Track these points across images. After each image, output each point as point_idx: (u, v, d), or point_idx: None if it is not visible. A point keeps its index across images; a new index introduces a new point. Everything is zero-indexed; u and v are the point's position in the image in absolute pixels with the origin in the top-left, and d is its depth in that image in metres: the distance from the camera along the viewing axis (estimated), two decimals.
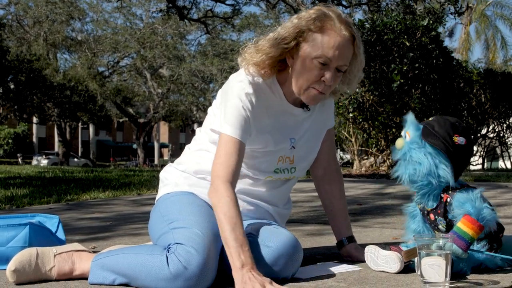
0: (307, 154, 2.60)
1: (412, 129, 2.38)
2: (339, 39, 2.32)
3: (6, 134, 48.08)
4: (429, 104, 9.81)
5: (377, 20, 9.89)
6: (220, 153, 2.30)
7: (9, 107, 32.60)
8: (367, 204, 5.28)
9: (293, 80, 2.39)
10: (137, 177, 9.67)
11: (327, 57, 2.31)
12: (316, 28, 2.32)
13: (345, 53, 2.35)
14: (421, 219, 2.46)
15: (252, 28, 38.07)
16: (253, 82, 2.38)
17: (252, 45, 2.42)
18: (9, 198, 6.14)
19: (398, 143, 2.41)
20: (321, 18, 2.33)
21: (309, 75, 2.35)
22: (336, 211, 2.72)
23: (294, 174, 2.58)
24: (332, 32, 2.31)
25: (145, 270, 2.13)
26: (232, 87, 2.38)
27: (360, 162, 10.90)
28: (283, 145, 2.48)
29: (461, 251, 2.18)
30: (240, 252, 2.07)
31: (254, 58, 2.37)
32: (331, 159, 2.76)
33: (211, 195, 2.26)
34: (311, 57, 2.32)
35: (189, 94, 40.37)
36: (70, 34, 39.02)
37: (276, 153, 2.48)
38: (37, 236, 2.67)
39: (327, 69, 2.34)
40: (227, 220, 2.14)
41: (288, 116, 2.49)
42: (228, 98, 2.36)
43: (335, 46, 2.31)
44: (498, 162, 18.79)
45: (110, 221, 4.48)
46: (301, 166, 2.59)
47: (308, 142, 2.57)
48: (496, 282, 2.16)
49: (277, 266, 2.18)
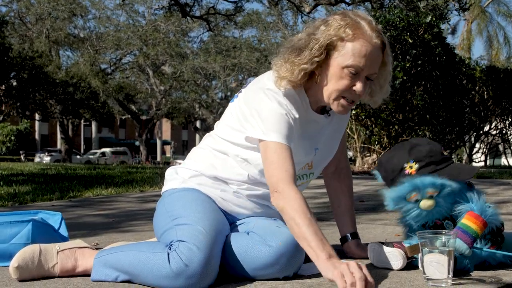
0: (325, 158, 2.60)
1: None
2: (370, 48, 2.27)
3: (8, 131, 48.14)
4: (432, 101, 9.80)
5: (380, 17, 9.89)
6: (273, 160, 2.23)
7: (11, 104, 32.61)
8: (369, 201, 5.28)
9: (323, 89, 2.34)
10: (139, 174, 9.68)
11: (359, 66, 2.26)
12: (347, 37, 2.26)
13: (376, 61, 2.31)
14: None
15: (254, 25, 38.05)
16: (285, 92, 2.32)
17: (283, 60, 2.33)
18: (12, 195, 6.15)
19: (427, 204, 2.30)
20: (351, 25, 2.27)
21: (340, 84, 2.30)
22: (343, 208, 2.73)
23: (311, 178, 2.59)
24: (363, 40, 2.26)
25: (147, 267, 2.13)
26: (265, 96, 2.31)
27: (363, 159, 10.90)
28: (310, 156, 2.47)
29: (466, 247, 2.18)
30: (323, 245, 2.04)
31: (292, 76, 2.30)
32: (342, 156, 2.77)
33: (277, 199, 2.19)
34: (341, 66, 2.27)
35: (192, 91, 40.34)
36: (73, 31, 39.02)
37: (303, 163, 2.47)
38: (40, 233, 2.67)
39: (357, 78, 2.29)
40: (301, 216, 2.10)
41: (312, 124, 2.45)
42: (265, 106, 2.29)
43: (366, 55, 2.26)
44: (501, 159, 18.78)
45: (113, 218, 4.48)
46: (319, 169, 2.60)
47: (327, 147, 2.56)
48: (499, 278, 2.16)
49: (278, 265, 2.17)
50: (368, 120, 10.31)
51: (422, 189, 2.24)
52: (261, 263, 2.16)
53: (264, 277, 2.19)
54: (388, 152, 2.42)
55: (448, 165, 2.30)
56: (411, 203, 2.29)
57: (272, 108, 2.27)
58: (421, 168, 2.29)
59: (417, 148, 2.33)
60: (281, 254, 2.16)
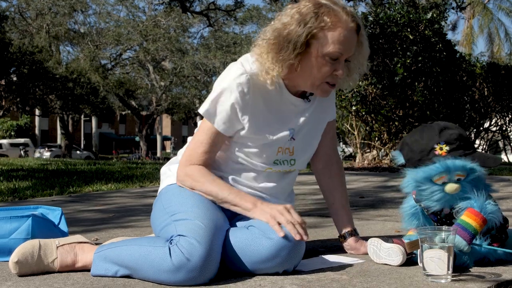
0: (307, 146, 2.60)
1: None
2: (347, 33, 2.33)
3: (8, 127, 48.13)
4: (432, 97, 9.79)
5: (380, 13, 9.87)
6: (194, 139, 2.46)
7: (11, 99, 32.61)
8: (369, 197, 5.28)
9: (304, 77, 2.39)
10: (139, 169, 9.68)
11: (339, 52, 2.32)
12: (326, 26, 2.30)
13: (353, 44, 2.37)
14: (422, 215, 2.45)
15: (255, 21, 38.04)
16: (250, 71, 2.38)
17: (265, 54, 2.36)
18: (12, 190, 6.15)
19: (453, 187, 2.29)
20: (327, 13, 2.31)
21: (322, 72, 2.36)
22: (338, 204, 2.71)
23: (294, 167, 2.58)
24: (340, 27, 2.31)
25: (147, 261, 2.13)
26: (227, 75, 2.40)
27: (363, 155, 10.89)
28: (282, 134, 2.48)
29: (465, 243, 2.18)
30: (241, 197, 2.32)
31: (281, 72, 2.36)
32: (332, 152, 2.76)
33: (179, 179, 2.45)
34: (322, 54, 2.33)
35: (192, 87, 40.36)
36: (73, 26, 39.03)
37: (275, 144, 2.47)
38: (39, 228, 2.67)
39: (337, 63, 2.35)
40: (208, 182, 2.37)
41: (287, 105, 2.49)
42: (219, 85, 2.39)
43: (345, 40, 2.33)
44: (501, 155, 18.77)
45: (113, 213, 4.48)
46: (301, 158, 2.59)
47: (308, 133, 2.57)
48: (498, 275, 2.16)
49: (279, 258, 2.17)
50: (368, 116, 10.30)
51: (452, 171, 2.23)
52: (262, 256, 2.16)
53: (264, 271, 2.19)
54: (414, 133, 2.40)
55: (475, 151, 2.30)
56: (437, 185, 2.28)
57: (220, 90, 2.39)
58: (451, 151, 2.28)
59: (448, 131, 2.31)
60: (281, 247, 2.16)
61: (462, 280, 2.09)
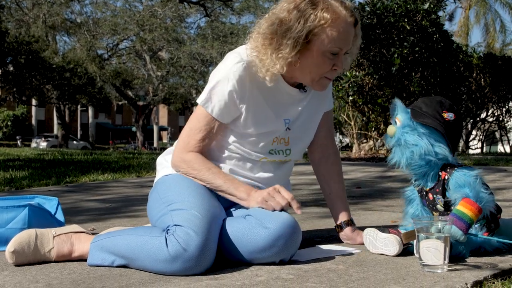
0: (302, 136, 2.59)
1: (401, 113, 2.40)
2: (346, 28, 2.34)
3: (5, 117, 48.01)
4: (429, 87, 9.79)
5: (377, 3, 9.85)
6: (190, 126, 2.46)
7: (8, 89, 32.52)
8: (366, 187, 5.29)
9: (303, 72, 2.39)
10: (136, 159, 9.67)
11: (339, 47, 2.34)
12: (326, 22, 2.30)
13: (351, 38, 2.38)
14: (419, 202, 2.48)
15: (252, 11, 37.93)
16: (246, 59, 2.37)
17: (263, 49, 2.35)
18: (9, 180, 6.14)
19: (390, 130, 2.41)
20: (326, 9, 2.30)
21: (323, 68, 2.37)
22: (334, 194, 2.70)
23: (290, 157, 2.58)
24: (340, 23, 2.31)
25: (144, 251, 2.13)
26: (224, 64, 2.40)
27: (360, 146, 10.90)
28: (277, 124, 2.48)
29: (461, 233, 2.19)
30: (236, 186, 2.35)
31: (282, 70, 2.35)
32: (329, 142, 2.76)
33: (174, 164, 2.47)
34: (322, 50, 2.33)
35: (189, 77, 40.23)
36: (69, 16, 38.84)
37: (271, 134, 2.48)
38: (36, 218, 2.67)
39: (337, 58, 2.36)
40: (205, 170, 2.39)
41: (283, 95, 2.49)
42: (218, 75, 2.39)
43: (344, 36, 2.34)
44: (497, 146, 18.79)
45: (109, 203, 4.48)
46: (297, 148, 2.59)
47: (304, 123, 2.57)
48: (495, 265, 2.16)
49: (275, 248, 2.17)
50: (365, 107, 10.31)
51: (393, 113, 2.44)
52: (259, 246, 2.16)
53: (261, 260, 2.19)
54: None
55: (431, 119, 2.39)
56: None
57: (217, 78, 2.39)
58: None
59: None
60: (278, 236, 2.17)
61: (458, 270, 2.10)
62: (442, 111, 2.35)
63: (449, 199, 2.32)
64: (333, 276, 2.05)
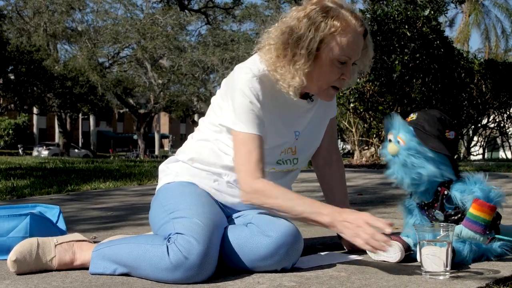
0: (309, 145, 2.59)
1: (404, 133, 2.34)
2: (356, 37, 2.31)
3: (6, 125, 48.11)
4: (430, 94, 9.80)
5: (378, 10, 9.87)
6: (241, 153, 2.30)
7: (9, 98, 32.58)
8: (368, 194, 5.28)
9: (312, 81, 2.35)
10: (138, 167, 9.67)
11: (347, 56, 2.30)
12: (336, 31, 2.27)
13: (360, 48, 2.35)
14: (419, 212, 2.47)
15: (253, 19, 37.98)
16: (258, 74, 2.34)
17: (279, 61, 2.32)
18: (10, 189, 6.14)
19: (392, 149, 2.37)
20: (336, 17, 2.28)
21: (331, 77, 2.33)
22: (337, 200, 2.69)
23: (297, 166, 2.57)
24: (349, 32, 2.29)
25: (145, 260, 2.13)
26: (237, 81, 2.34)
27: (361, 152, 10.89)
28: (288, 136, 2.47)
29: (479, 235, 2.20)
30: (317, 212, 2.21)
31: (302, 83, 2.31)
32: (333, 148, 2.76)
33: (246, 198, 2.30)
34: (330, 59, 2.29)
35: (190, 84, 40.26)
36: (70, 25, 38.93)
37: (281, 146, 2.47)
38: (38, 227, 2.67)
39: (345, 67, 2.33)
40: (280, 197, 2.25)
41: (293, 108, 2.46)
42: (235, 94, 2.32)
43: (354, 45, 2.30)
44: (499, 152, 18.80)
45: (111, 211, 4.48)
46: (303, 156, 2.58)
47: (311, 132, 2.56)
48: (497, 271, 2.16)
49: (277, 256, 2.17)
50: (366, 114, 10.31)
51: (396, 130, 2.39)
52: (260, 254, 2.16)
53: (262, 268, 2.19)
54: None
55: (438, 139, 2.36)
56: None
57: (240, 98, 2.31)
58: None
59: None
60: (280, 245, 2.16)
61: (461, 277, 2.10)
62: (445, 131, 2.33)
63: (449, 212, 2.32)
64: (335, 283, 2.05)
